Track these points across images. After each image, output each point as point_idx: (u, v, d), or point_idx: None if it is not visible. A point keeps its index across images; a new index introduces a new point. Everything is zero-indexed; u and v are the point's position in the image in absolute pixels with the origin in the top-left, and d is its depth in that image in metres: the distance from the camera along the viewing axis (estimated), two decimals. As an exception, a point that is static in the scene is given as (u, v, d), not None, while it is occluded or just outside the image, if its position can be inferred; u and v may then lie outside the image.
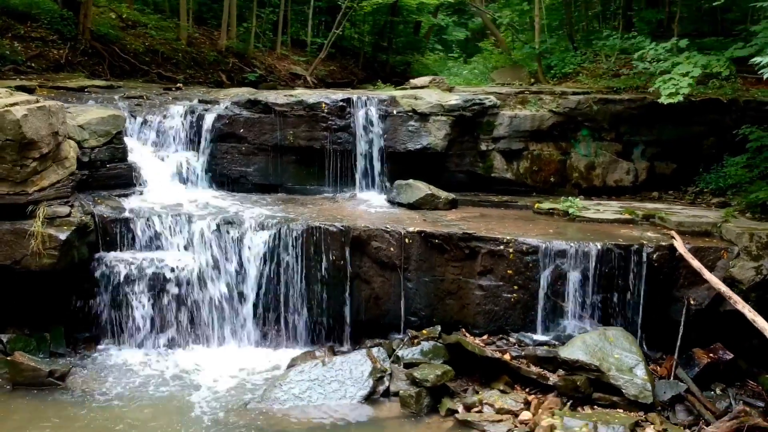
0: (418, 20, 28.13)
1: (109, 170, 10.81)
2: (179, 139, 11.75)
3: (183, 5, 19.25)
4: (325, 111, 11.91)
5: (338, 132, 11.95)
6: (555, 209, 11.21)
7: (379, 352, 9.21)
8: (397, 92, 12.89)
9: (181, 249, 10.02)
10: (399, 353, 9.26)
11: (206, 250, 9.94)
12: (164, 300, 9.82)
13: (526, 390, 8.74)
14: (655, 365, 9.23)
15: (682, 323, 9.16)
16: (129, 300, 9.74)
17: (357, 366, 8.88)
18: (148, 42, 18.18)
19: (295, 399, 8.44)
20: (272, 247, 9.88)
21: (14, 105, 8.95)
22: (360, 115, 11.97)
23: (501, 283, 9.62)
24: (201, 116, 11.82)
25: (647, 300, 9.45)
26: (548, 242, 9.50)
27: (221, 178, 11.86)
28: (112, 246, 9.91)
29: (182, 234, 10.04)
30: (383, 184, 12.13)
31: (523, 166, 12.52)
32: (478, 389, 8.80)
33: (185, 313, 9.89)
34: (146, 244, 9.99)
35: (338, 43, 22.93)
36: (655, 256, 9.35)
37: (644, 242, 9.48)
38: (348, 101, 12.01)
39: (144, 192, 11.02)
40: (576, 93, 12.68)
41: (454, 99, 12.13)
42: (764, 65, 8.42)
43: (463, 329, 9.66)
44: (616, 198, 12.44)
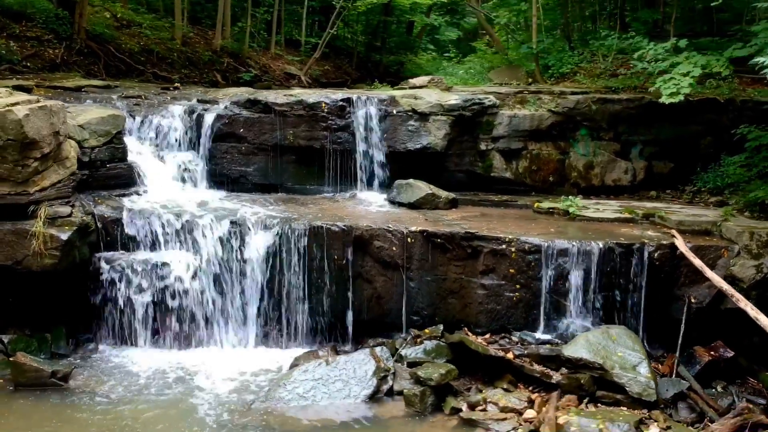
0: (411, 20, 28.14)
1: (109, 170, 10.77)
2: (179, 139, 11.71)
3: (178, 5, 19.19)
4: (325, 111, 11.91)
5: (338, 132, 11.96)
6: (555, 208, 11.26)
7: (383, 352, 9.22)
8: (397, 92, 12.90)
9: (183, 249, 9.99)
10: (402, 352, 9.27)
11: (208, 250, 9.91)
12: (165, 300, 9.77)
13: (529, 388, 8.75)
14: (657, 363, 9.27)
15: (683, 321, 9.21)
16: (130, 300, 9.69)
17: (361, 365, 8.88)
18: (143, 42, 18.13)
19: (300, 399, 8.43)
20: (274, 247, 9.86)
21: (15, 105, 8.91)
22: (360, 115, 11.98)
23: (503, 282, 9.65)
24: (200, 116, 11.79)
25: (648, 298, 9.50)
26: (550, 241, 9.54)
27: (221, 178, 11.84)
28: (113, 246, 9.87)
29: (183, 234, 10.00)
30: (383, 184, 12.14)
31: (522, 166, 12.57)
32: (482, 388, 8.81)
33: (186, 314, 9.85)
34: (147, 244, 9.95)
35: (332, 43, 22.93)
36: (657, 255, 9.41)
37: (645, 241, 9.54)
38: (348, 101, 12.02)
39: (144, 192, 10.97)
40: (575, 93, 12.74)
41: (454, 99, 12.16)
42: (766, 65, 8.48)
43: (465, 328, 9.68)
44: (615, 197, 12.51)
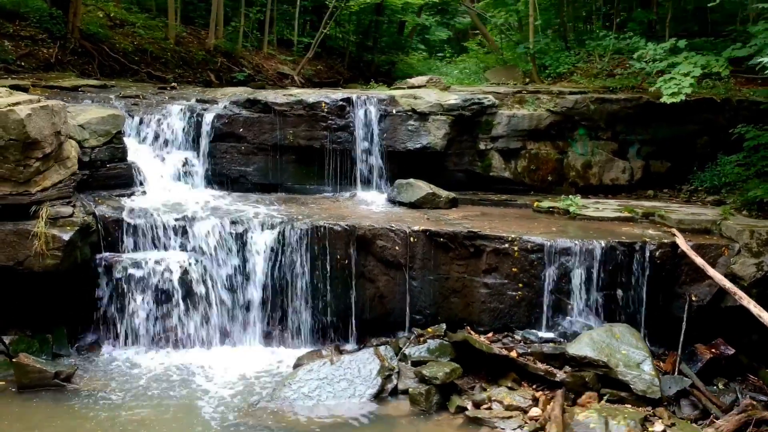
0: (403, 20, 28.16)
1: (109, 170, 10.74)
2: (178, 139, 11.67)
3: (171, 4, 19.11)
4: (325, 110, 11.90)
5: (338, 131, 11.95)
6: (555, 208, 11.31)
7: (387, 351, 9.24)
8: (396, 92, 12.91)
9: (184, 249, 9.97)
10: (406, 351, 9.29)
11: (209, 250, 9.89)
12: (167, 300, 9.75)
13: (533, 387, 8.80)
14: (658, 361, 9.29)
15: (685, 319, 9.28)
16: (132, 301, 9.67)
17: (365, 364, 8.89)
18: (137, 41, 18.06)
19: (305, 398, 8.43)
20: (276, 247, 9.87)
21: (17, 104, 8.87)
22: (360, 115, 11.98)
23: (506, 281, 9.69)
24: (200, 116, 11.75)
25: (650, 297, 9.56)
26: (553, 240, 9.59)
27: (221, 178, 11.81)
28: (114, 246, 9.85)
29: (185, 234, 9.99)
30: (383, 184, 12.15)
31: (521, 165, 12.62)
32: (486, 386, 8.84)
33: (188, 314, 9.82)
34: (148, 244, 9.93)
35: (324, 43, 22.91)
36: (658, 254, 9.47)
37: (647, 240, 9.60)
38: (348, 101, 12.01)
39: (144, 192, 10.96)
40: (573, 92, 12.79)
41: (453, 98, 12.19)
42: (766, 66, 8.56)
43: (468, 327, 9.68)
44: (612, 196, 12.56)
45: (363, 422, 8.14)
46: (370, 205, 11.49)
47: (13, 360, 8.66)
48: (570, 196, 11.64)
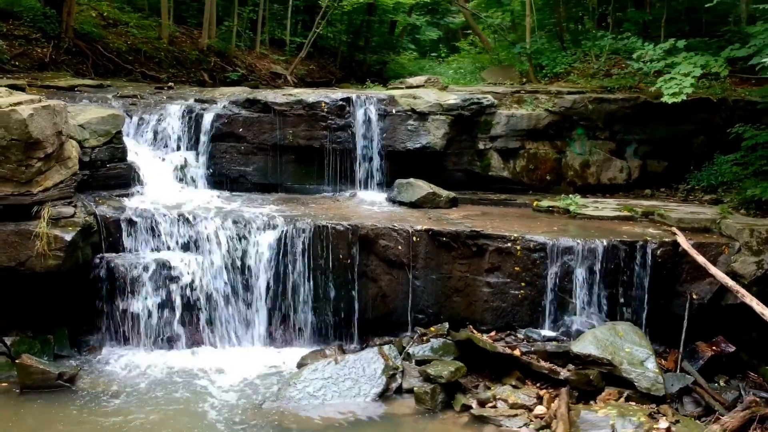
0: (394, 19, 28.20)
1: (109, 170, 10.68)
2: (177, 139, 11.65)
3: (164, 4, 19.06)
4: (325, 110, 11.90)
5: (338, 131, 11.95)
6: (555, 207, 11.37)
7: (390, 350, 9.26)
8: (396, 91, 12.93)
9: (185, 249, 9.94)
10: (409, 350, 9.30)
11: (211, 250, 9.87)
12: (169, 301, 9.71)
13: (537, 385, 8.83)
14: (660, 359, 9.36)
15: (686, 317, 9.36)
16: (133, 301, 9.61)
17: (370, 364, 8.90)
18: (130, 41, 18.00)
19: (311, 397, 8.43)
20: (279, 247, 9.85)
21: (19, 104, 8.81)
22: (359, 115, 11.99)
23: (508, 280, 9.73)
24: (199, 115, 11.73)
25: (651, 295, 9.63)
26: (555, 239, 9.64)
27: (220, 178, 11.79)
28: (116, 247, 9.79)
29: (186, 234, 9.96)
30: (382, 183, 12.16)
31: (520, 165, 12.67)
32: (489, 385, 8.88)
33: (190, 314, 9.80)
34: (150, 245, 9.89)
35: (316, 43, 22.90)
36: (659, 252, 9.54)
37: (648, 239, 9.67)
38: (347, 100, 12.02)
39: (143, 192, 10.91)
40: (571, 92, 12.86)
41: (453, 98, 12.22)
42: (765, 66, 8.65)
43: (471, 326, 9.72)
44: (610, 196, 12.65)
45: (369, 421, 8.15)
46: (371, 205, 11.50)
47: (16, 361, 8.60)
48: (570, 196, 11.71)
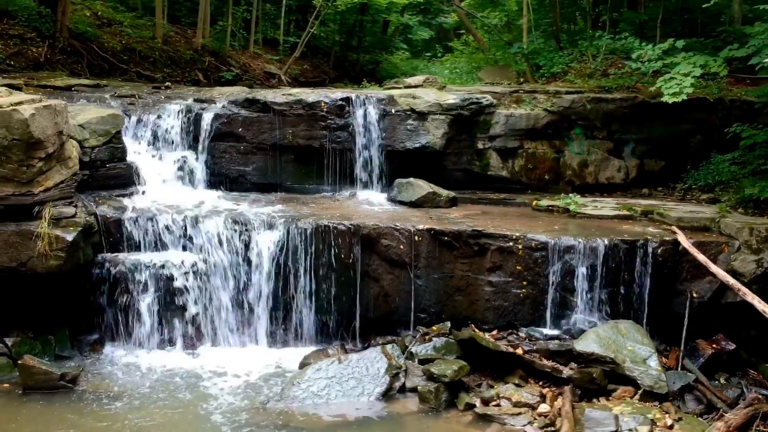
0: (387, 19, 28.20)
1: (109, 170, 10.65)
2: (177, 139, 11.60)
3: (158, 3, 18.93)
4: (324, 110, 11.89)
5: (337, 131, 11.95)
6: (554, 206, 11.41)
7: (393, 349, 9.26)
8: (395, 91, 12.93)
9: (186, 249, 9.91)
10: (412, 350, 9.30)
11: (212, 250, 9.85)
12: (170, 301, 9.70)
13: (539, 383, 8.88)
14: (661, 356, 9.42)
15: (687, 315, 9.42)
16: (134, 301, 9.60)
17: (373, 363, 8.91)
18: (125, 40, 17.90)
19: (314, 397, 8.44)
20: (280, 246, 9.84)
21: (20, 104, 8.76)
22: (359, 114, 11.98)
23: (510, 279, 9.76)
24: (199, 115, 11.69)
25: (652, 293, 9.68)
26: (557, 238, 9.67)
27: (220, 178, 11.76)
28: (116, 247, 9.77)
29: (187, 234, 9.93)
30: (382, 183, 12.16)
31: (519, 164, 12.71)
32: (492, 384, 8.90)
33: (192, 314, 9.79)
34: (150, 245, 9.86)
35: (309, 42, 22.86)
36: (660, 251, 9.60)
37: (648, 237, 9.72)
38: (347, 100, 12.01)
39: (143, 192, 10.89)
40: (569, 92, 12.92)
41: (452, 98, 12.25)
42: (765, 66, 8.71)
43: (472, 325, 9.76)
44: (608, 195, 12.72)
45: (373, 420, 8.17)
46: (371, 205, 11.51)
47: (19, 362, 8.55)
48: (569, 195, 11.76)
